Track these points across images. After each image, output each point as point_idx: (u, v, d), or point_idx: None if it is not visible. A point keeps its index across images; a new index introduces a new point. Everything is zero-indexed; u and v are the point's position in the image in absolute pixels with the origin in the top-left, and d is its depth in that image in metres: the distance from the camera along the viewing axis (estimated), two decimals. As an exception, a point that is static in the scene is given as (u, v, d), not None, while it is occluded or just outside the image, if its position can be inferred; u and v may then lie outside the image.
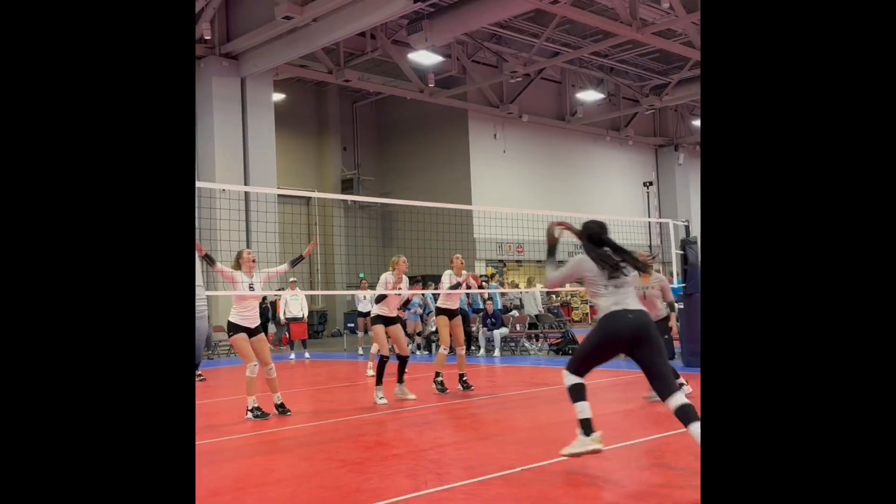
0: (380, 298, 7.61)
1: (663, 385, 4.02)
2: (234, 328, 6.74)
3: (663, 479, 4.15)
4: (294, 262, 7.32)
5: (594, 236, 4.40)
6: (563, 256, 4.58)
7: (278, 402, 6.93)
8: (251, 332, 6.75)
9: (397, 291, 7.58)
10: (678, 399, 3.93)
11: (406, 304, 8.70)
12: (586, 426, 4.21)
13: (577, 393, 4.27)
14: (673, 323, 7.59)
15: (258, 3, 15.76)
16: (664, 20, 15.93)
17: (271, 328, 16.52)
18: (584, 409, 4.24)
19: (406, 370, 7.78)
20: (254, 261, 6.94)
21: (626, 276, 4.25)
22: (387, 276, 7.63)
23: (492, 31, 19.29)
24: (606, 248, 4.35)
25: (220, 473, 4.75)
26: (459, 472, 4.45)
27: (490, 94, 21.85)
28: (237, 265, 6.87)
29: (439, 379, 8.16)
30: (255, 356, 6.72)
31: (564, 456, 4.27)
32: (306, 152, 22.80)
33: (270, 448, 5.57)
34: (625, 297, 4.19)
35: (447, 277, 8.31)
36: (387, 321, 7.61)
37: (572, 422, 3.93)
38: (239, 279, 6.76)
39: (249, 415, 6.67)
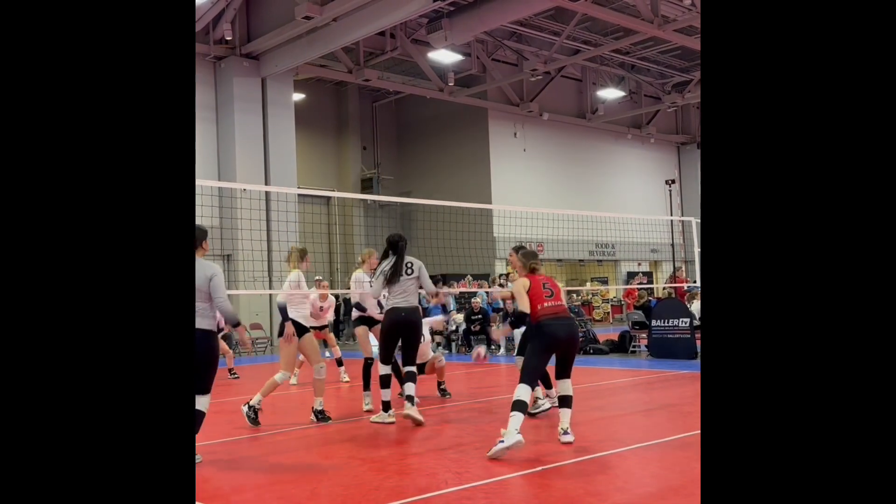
0: (359, 306, 7.08)
1: (410, 359, 6.19)
2: (299, 328, 6.43)
3: (685, 479, 4.11)
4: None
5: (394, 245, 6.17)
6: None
7: (319, 408, 6.53)
8: (305, 331, 6.49)
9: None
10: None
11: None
12: (386, 406, 6.24)
13: (384, 381, 6.22)
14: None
15: (278, 4, 15.85)
16: (686, 17, 15.78)
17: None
18: (386, 394, 6.24)
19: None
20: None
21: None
22: (357, 275, 7.25)
23: (512, 29, 19.22)
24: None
25: (241, 471, 4.78)
26: (479, 471, 4.43)
27: (510, 93, 21.79)
28: (299, 260, 6.57)
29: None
30: (316, 356, 6.49)
31: (373, 422, 6.26)
32: (326, 152, 22.88)
33: (291, 446, 5.59)
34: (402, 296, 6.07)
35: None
36: (370, 322, 7.12)
37: (591, 422, 3.98)
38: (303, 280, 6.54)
39: (313, 417, 6.50)
